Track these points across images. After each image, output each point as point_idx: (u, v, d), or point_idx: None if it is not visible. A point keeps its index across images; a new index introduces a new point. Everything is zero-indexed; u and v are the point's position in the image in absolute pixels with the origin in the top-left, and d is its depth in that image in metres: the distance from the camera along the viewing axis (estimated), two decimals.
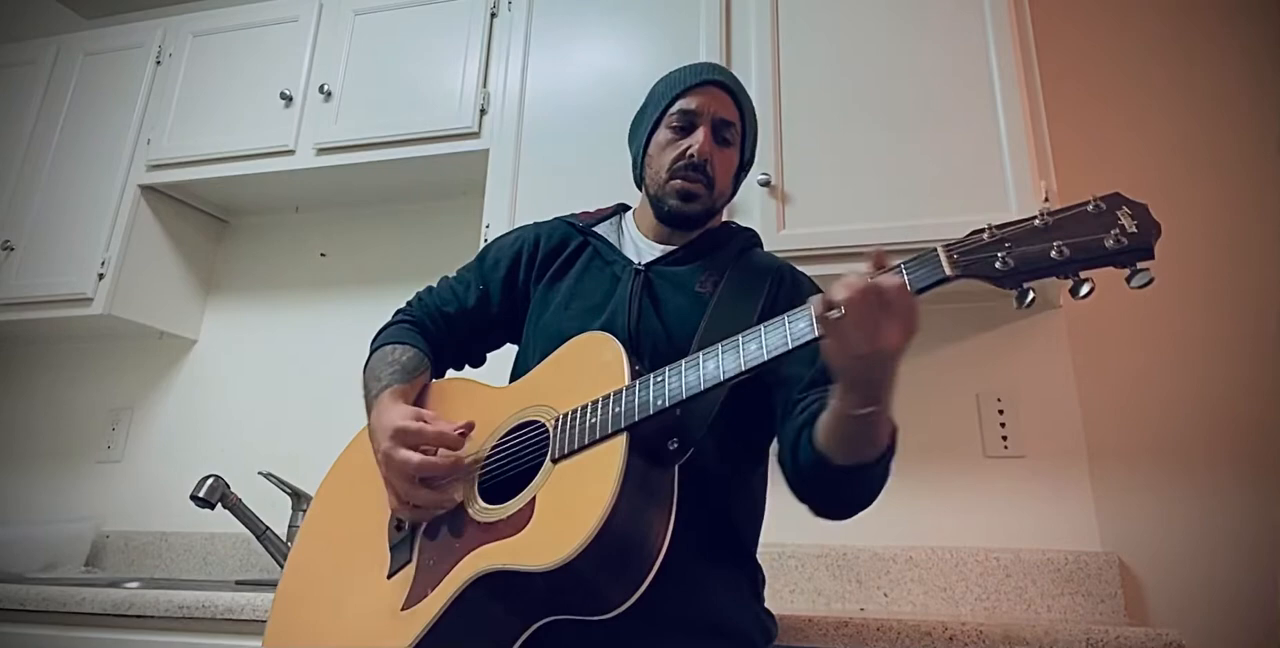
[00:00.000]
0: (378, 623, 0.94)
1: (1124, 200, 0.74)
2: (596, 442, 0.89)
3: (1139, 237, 0.71)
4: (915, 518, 1.71)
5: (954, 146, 1.60)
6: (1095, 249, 0.71)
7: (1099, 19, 1.99)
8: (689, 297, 1.12)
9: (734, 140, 1.18)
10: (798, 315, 0.82)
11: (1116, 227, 0.71)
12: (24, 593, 1.52)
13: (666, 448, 0.90)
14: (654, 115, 1.19)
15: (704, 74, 1.19)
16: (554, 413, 0.97)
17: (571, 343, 1.04)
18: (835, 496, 0.97)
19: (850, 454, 0.88)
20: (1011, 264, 0.73)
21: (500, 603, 0.88)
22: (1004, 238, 0.75)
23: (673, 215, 1.17)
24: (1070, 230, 0.73)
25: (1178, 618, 1.54)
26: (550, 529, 0.86)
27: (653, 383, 0.90)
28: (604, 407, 0.91)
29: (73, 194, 2.27)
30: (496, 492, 0.97)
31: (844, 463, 0.88)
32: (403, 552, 0.99)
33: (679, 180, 1.15)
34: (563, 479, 0.90)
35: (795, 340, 0.81)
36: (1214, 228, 1.78)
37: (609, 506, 0.81)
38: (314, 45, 2.18)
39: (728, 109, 1.17)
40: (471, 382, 1.16)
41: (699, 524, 0.93)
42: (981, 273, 0.75)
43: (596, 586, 0.83)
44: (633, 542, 0.84)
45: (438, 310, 1.23)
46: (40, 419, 2.46)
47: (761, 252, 1.24)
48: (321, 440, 1.28)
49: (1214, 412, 1.67)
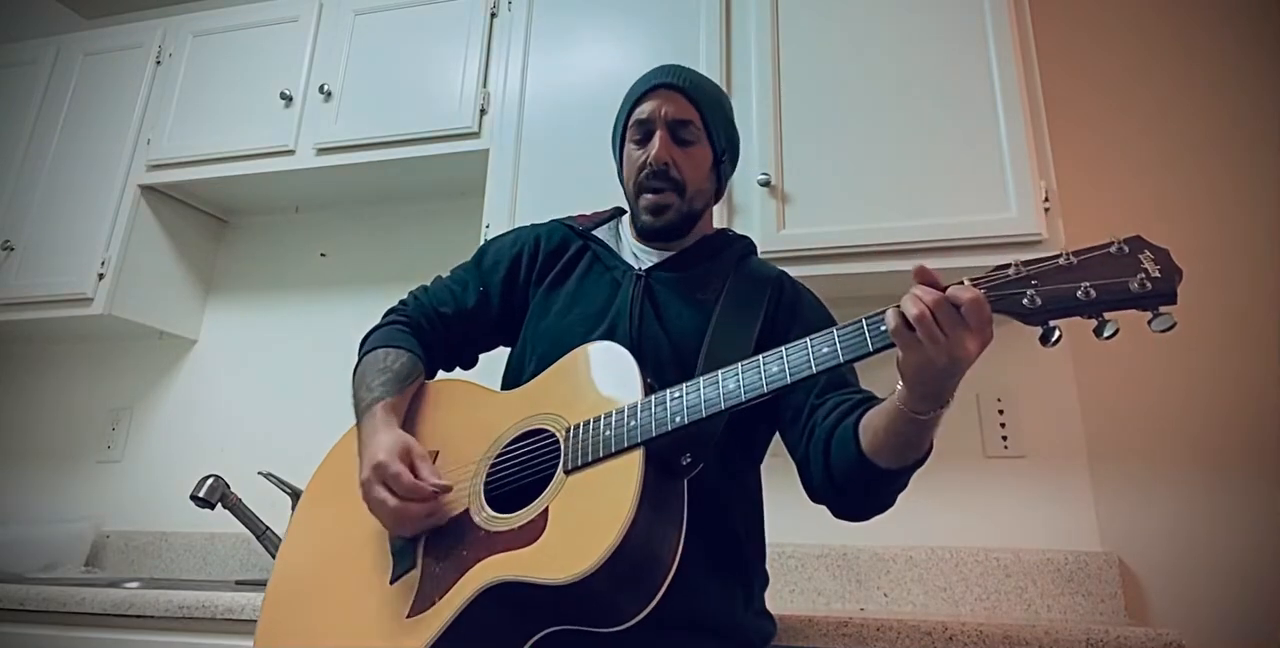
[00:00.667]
0: (381, 628, 0.93)
1: (1146, 244, 0.76)
2: (612, 455, 0.89)
3: (1162, 282, 0.74)
4: (915, 518, 1.71)
5: (954, 147, 1.60)
6: (1121, 292, 0.74)
7: (1099, 19, 1.99)
8: (690, 304, 1.12)
9: (696, 138, 1.17)
10: (847, 330, 0.84)
11: (1141, 270, 0.74)
12: (24, 593, 1.52)
13: (680, 462, 0.90)
14: (619, 132, 1.21)
15: (651, 80, 1.19)
16: (563, 423, 0.97)
17: (579, 352, 1.03)
18: (868, 498, 0.98)
19: (898, 457, 0.89)
20: (1040, 302, 0.76)
21: (508, 613, 0.88)
22: (1030, 275, 0.77)
23: (648, 230, 1.17)
24: (1095, 271, 0.75)
25: (1178, 618, 1.54)
26: (566, 543, 0.85)
27: (670, 399, 0.90)
28: (619, 420, 0.91)
29: (73, 194, 2.27)
30: (503, 500, 0.96)
31: (888, 466, 0.90)
32: (406, 557, 0.98)
33: (646, 194, 1.15)
34: (576, 491, 0.90)
35: (848, 354, 0.82)
36: (1215, 227, 1.78)
37: (627, 521, 0.81)
38: (314, 45, 2.18)
39: (681, 108, 1.16)
40: (471, 385, 1.15)
41: (700, 531, 0.93)
42: (1010, 309, 0.77)
43: (611, 599, 0.83)
44: (648, 557, 0.84)
45: (434, 311, 1.22)
46: (40, 419, 2.46)
47: (758, 260, 1.25)
48: (322, 440, 1.27)
49: (1214, 412, 1.67)
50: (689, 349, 1.05)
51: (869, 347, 0.82)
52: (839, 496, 0.98)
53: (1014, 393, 1.76)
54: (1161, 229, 1.80)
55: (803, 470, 1.02)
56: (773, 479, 1.17)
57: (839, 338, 0.83)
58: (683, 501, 0.89)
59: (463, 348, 1.25)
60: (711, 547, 1.00)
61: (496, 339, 1.26)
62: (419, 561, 0.96)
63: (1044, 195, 1.53)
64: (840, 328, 0.84)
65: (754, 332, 1.06)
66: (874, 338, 0.81)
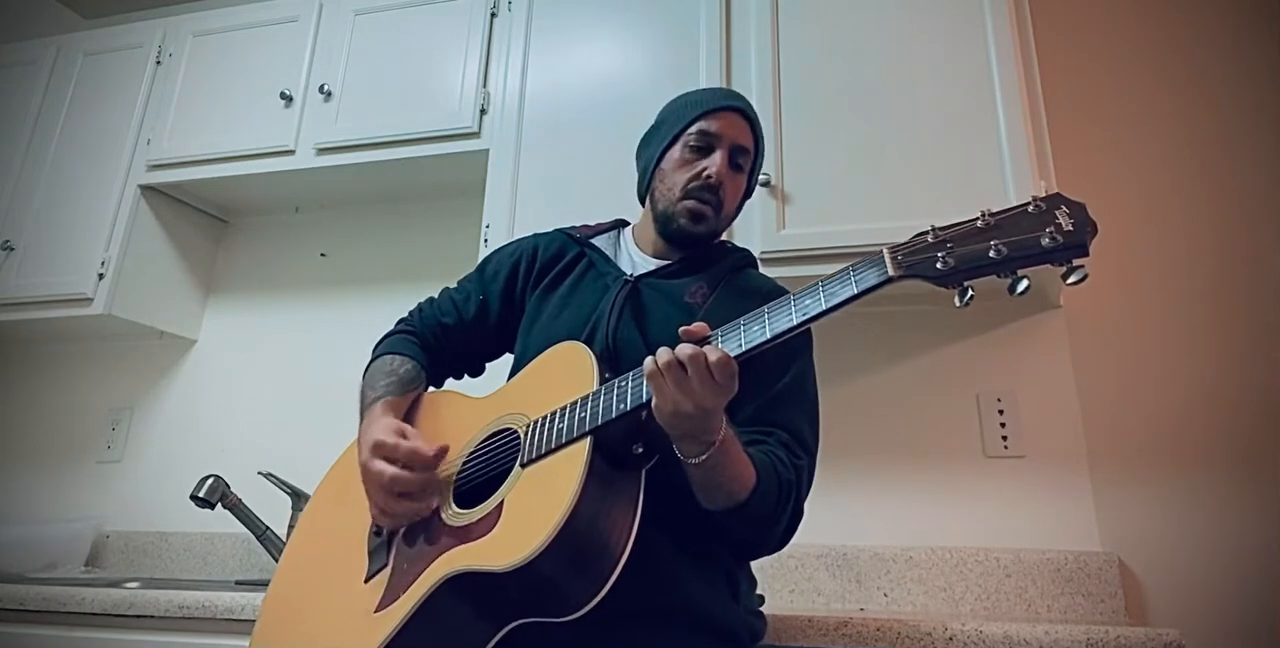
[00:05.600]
0: (351, 625, 0.95)
1: (1064, 200, 0.76)
2: (562, 446, 0.91)
3: (1074, 234, 0.73)
4: (915, 518, 1.71)
5: (954, 147, 1.60)
6: (1031, 247, 0.74)
7: (1098, 19, 1.99)
8: (678, 307, 1.13)
9: (746, 167, 1.21)
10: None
11: (1053, 225, 0.74)
12: (24, 593, 1.52)
13: (632, 452, 0.91)
14: (671, 132, 1.20)
15: (727, 99, 1.21)
16: (525, 420, 0.99)
17: (547, 353, 1.07)
18: (728, 538, 1.02)
19: (711, 500, 0.95)
20: (951, 264, 0.77)
21: (470, 605, 0.89)
22: (946, 238, 0.78)
23: (679, 234, 1.18)
24: (1009, 230, 0.76)
25: (1178, 618, 1.54)
26: (514, 531, 0.87)
27: (616, 388, 0.91)
28: (571, 412, 0.93)
29: (73, 194, 2.27)
30: (470, 497, 0.99)
31: (712, 508, 0.95)
32: (380, 556, 1.01)
33: (692, 201, 1.16)
34: (529, 483, 0.92)
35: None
36: (1215, 226, 1.78)
37: (569, 506, 0.83)
38: (314, 45, 2.18)
39: (745, 137, 1.19)
40: (456, 394, 1.19)
41: (672, 525, 0.96)
42: (923, 273, 0.78)
43: (558, 585, 0.84)
44: (594, 542, 0.85)
45: (437, 322, 1.25)
46: (40, 419, 2.46)
47: (756, 272, 1.26)
48: (321, 440, 1.28)
49: (1214, 412, 1.67)
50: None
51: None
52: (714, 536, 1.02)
53: (1014, 393, 1.76)
54: (1161, 229, 1.82)
55: None
56: None
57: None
58: (637, 490, 0.90)
59: (468, 357, 1.28)
60: (681, 541, 1.00)
61: (500, 347, 1.28)
62: (390, 559, 0.99)
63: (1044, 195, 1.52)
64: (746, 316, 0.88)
65: None
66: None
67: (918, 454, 1.76)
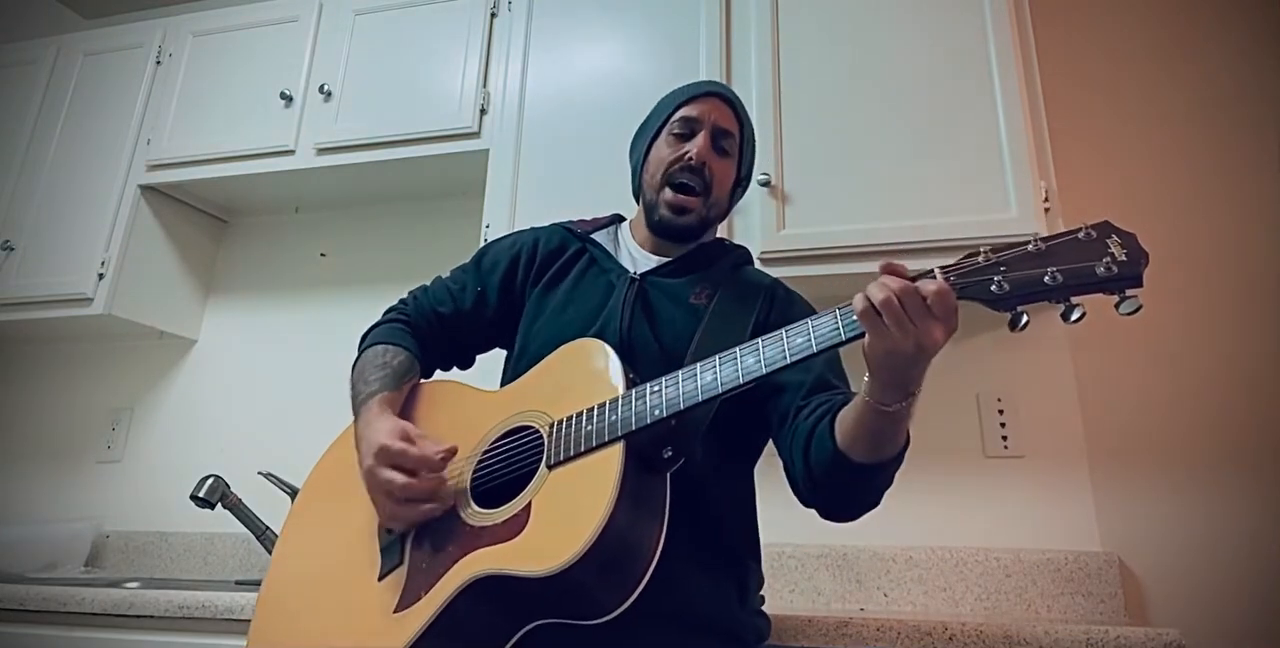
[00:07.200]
0: (369, 625, 0.94)
1: (1114, 229, 0.77)
2: (593, 449, 0.90)
3: (1128, 265, 0.74)
4: (915, 518, 1.71)
5: (954, 147, 1.60)
6: (1087, 276, 0.75)
7: (1099, 19, 1.99)
8: (683, 308, 1.13)
9: (732, 152, 1.20)
10: (821, 320, 0.84)
11: (1107, 255, 0.75)
12: (24, 593, 1.52)
13: (661, 456, 0.91)
14: (655, 125, 1.21)
15: (703, 87, 1.22)
16: (547, 419, 0.98)
17: (563, 349, 1.05)
18: (848, 495, 0.98)
19: (872, 452, 0.90)
20: (1007, 288, 0.77)
21: (494, 606, 0.89)
22: (999, 262, 0.78)
23: (662, 226, 1.18)
24: (1063, 257, 0.76)
25: (1178, 618, 1.54)
26: (547, 536, 0.86)
27: (649, 392, 0.90)
28: (600, 415, 0.92)
29: (73, 194, 2.27)
30: (489, 496, 0.97)
31: (863, 460, 0.90)
32: (393, 554, 0.99)
33: (671, 191, 1.16)
34: (558, 485, 0.91)
35: (820, 343, 0.83)
36: (1214, 228, 1.78)
37: (606, 514, 0.82)
38: (314, 45, 2.18)
39: (727, 119, 1.19)
40: (461, 385, 1.16)
41: (686, 527, 0.94)
42: (977, 295, 0.78)
43: (591, 591, 0.84)
44: (628, 549, 0.85)
45: (432, 311, 1.23)
46: (40, 419, 2.46)
47: (753, 269, 1.26)
48: (321, 440, 1.27)
49: (1214, 412, 1.67)
50: (678, 352, 1.06)
51: (842, 335, 0.82)
52: (821, 494, 0.99)
53: (1014, 393, 1.76)
54: (1161, 229, 1.81)
55: (788, 472, 1.03)
56: (773, 480, 1.16)
57: (812, 328, 0.84)
58: (665, 494, 0.90)
59: (460, 349, 1.26)
60: (699, 543, 1.00)
61: (493, 340, 1.27)
62: (406, 557, 0.97)
63: (1044, 195, 1.53)
64: (814, 318, 0.85)
65: (744, 336, 1.07)
66: (846, 326, 0.82)
67: (917, 454, 1.73)
